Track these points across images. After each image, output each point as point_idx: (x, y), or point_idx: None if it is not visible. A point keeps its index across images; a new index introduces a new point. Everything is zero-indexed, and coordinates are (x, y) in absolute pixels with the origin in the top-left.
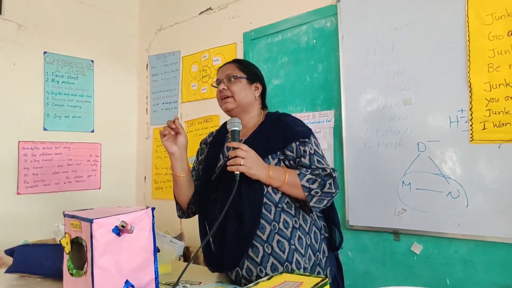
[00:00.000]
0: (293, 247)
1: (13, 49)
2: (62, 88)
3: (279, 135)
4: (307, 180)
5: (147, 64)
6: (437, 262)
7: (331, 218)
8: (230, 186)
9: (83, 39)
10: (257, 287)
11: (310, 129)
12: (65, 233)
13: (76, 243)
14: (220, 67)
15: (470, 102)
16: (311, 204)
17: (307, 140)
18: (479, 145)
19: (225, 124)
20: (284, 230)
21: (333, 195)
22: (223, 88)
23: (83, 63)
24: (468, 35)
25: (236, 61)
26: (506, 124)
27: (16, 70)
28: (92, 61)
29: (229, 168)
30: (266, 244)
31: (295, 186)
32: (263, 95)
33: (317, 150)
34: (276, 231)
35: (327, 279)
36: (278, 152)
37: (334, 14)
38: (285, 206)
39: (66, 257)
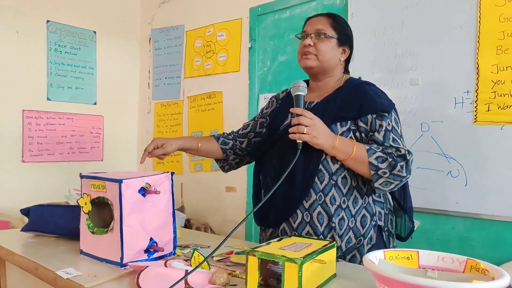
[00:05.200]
0: (333, 224)
1: (16, 17)
2: (65, 59)
3: (355, 103)
4: (376, 158)
5: (150, 38)
6: (434, 237)
7: (401, 204)
8: (292, 147)
9: (86, 9)
10: (269, 246)
11: (393, 104)
12: (82, 193)
13: (97, 203)
14: (310, 17)
15: (477, 84)
16: (376, 185)
17: (386, 114)
18: (482, 126)
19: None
20: (329, 205)
21: (403, 179)
22: (309, 44)
23: (85, 33)
24: (480, 16)
25: (329, 16)
26: (510, 106)
27: (20, 38)
28: (95, 32)
29: (291, 136)
30: (306, 212)
31: (361, 162)
32: (348, 59)
33: (396, 127)
34: (320, 202)
35: (334, 242)
36: (350, 122)
37: None
38: (339, 181)
39: (84, 217)
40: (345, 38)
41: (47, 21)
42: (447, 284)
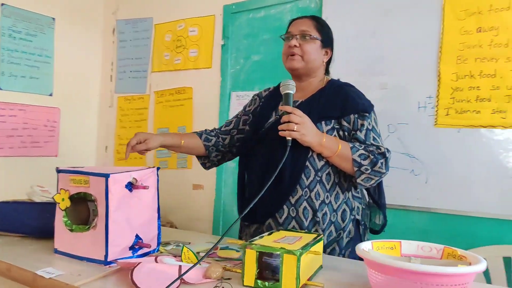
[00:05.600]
0: (317, 219)
1: None
2: (20, 46)
3: (337, 103)
4: (359, 155)
5: (114, 29)
6: (397, 231)
7: (376, 200)
8: (279, 145)
9: None
10: (263, 240)
11: (372, 105)
12: (59, 189)
13: (75, 200)
14: (294, 19)
15: (438, 90)
16: (358, 180)
17: (367, 114)
18: (441, 129)
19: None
20: (314, 200)
21: (382, 175)
22: (295, 45)
23: (43, 20)
24: (443, 28)
25: (313, 18)
26: (466, 111)
27: None
28: (54, 18)
29: (281, 133)
30: (292, 207)
31: (345, 159)
32: (329, 61)
33: (375, 127)
34: (306, 198)
35: (321, 235)
36: (333, 121)
37: None
38: (324, 177)
39: (61, 214)
40: (328, 40)
41: (2, 4)
42: (443, 269)
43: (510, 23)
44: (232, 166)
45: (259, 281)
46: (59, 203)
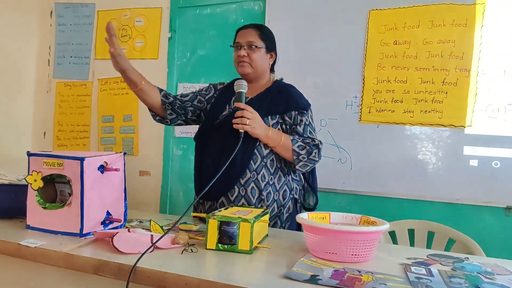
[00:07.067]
0: (263, 197)
1: None
2: None
3: (282, 101)
4: (298, 146)
5: (51, 12)
6: (326, 209)
7: (310, 183)
8: (231, 135)
9: None
10: (221, 212)
11: (310, 104)
12: (31, 171)
13: (48, 180)
14: (241, 28)
15: (362, 91)
16: (297, 167)
17: (305, 112)
18: (364, 124)
19: (235, 80)
20: (260, 181)
21: (316, 163)
22: (244, 55)
23: None
24: (367, 39)
25: (258, 28)
26: (384, 110)
27: None
28: None
29: (235, 126)
30: (242, 187)
31: (287, 149)
32: (274, 62)
33: (311, 122)
34: (253, 179)
35: (268, 210)
36: (278, 116)
37: None
38: (268, 162)
39: (33, 193)
40: (271, 45)
41: None
42: (357, 228)
43: (419, 38)
44: (178, 154)
45: (219, 245)
46: (31, 183)
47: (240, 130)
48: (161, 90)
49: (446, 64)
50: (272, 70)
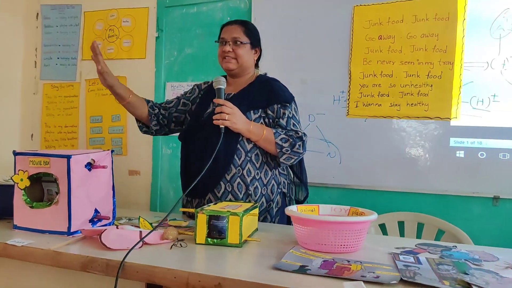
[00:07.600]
0: (250, 192)
1: None
2: None
3: (264, 95)
4: (281, 139)
5: (37, 13)
6: (316, 203)
7: (299, 176)
8: (214, 131)
9: None
10: (210, 207)
11: (293, 96)
12: (18, 170)
13: (34, 180)
14: (226, 24)
15: (349, 86)
16: (281, 160)
17: (288, 104)
18: (352, 119)
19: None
20: (246, 176)
21: (300, 155)
22: (229, 51)
23: None
24: (352, 34)
25: (242, 24)
26: (371, 104)
27: None
28: None
29: (215, 122)
30: (228, 183)
31: (270, 142)
32: (258, 57)
33: (295, 115)
34: (239, 175)
35: (257, 204)
36: (260, 110)
37: None
38: (253, 157)
39: (20, 193)
40: (256, 41)
41: None
42: (345, 218)
43: (403, 33)
44: (168, 153)
45: (209, 239)
46: (17, 183)
47: (221, 126)
48: (148, 102)
49: (430, 58)
50: (256, 65)
